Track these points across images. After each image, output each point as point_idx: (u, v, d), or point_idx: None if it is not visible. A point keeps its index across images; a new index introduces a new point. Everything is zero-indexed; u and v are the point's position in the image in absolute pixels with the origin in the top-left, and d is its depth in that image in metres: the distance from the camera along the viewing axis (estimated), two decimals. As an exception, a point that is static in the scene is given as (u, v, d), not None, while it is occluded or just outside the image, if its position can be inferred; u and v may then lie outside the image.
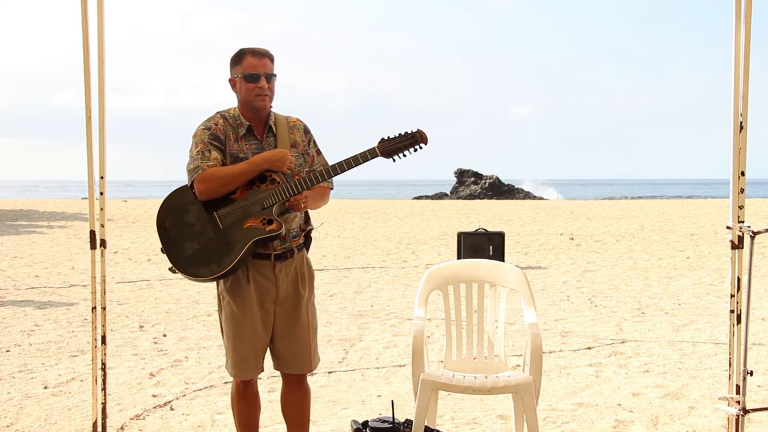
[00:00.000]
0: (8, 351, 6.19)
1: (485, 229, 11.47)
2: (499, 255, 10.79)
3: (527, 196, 45.41)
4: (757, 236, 3.55)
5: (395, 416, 3.99)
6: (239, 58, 3.34)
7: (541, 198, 45.30)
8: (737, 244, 3.67)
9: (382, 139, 3.27)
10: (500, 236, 11.13)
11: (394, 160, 3.27)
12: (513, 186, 47.87)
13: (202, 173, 3.22)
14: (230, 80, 3.37)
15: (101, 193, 3.77)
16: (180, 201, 3.32)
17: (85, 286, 9.71)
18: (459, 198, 44.70)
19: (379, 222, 21.79)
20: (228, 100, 3.44)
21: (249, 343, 3.36)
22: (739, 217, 3.66)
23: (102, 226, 3.77)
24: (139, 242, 15.80)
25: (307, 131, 3.48)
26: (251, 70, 3.31)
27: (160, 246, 3.32)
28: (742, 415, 3.56)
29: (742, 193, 3.67)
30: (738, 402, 3.58)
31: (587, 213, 25.90)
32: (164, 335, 6.81)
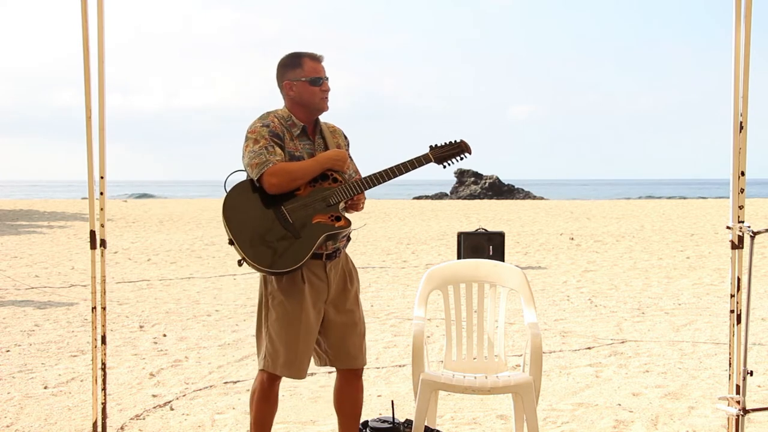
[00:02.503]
0: (8, 351, 6.19)
1: (485, 229, 11.47)
2: (499, 255, 10.79)
3: (527, 196, 45.40)
4: (757, 236, 3.55)
5: (395, 416, 3.99)
6: (297, 61, 3.41)
7: (542, 198, 45.29)
8: (737, 244, 3.67)
9: (431, 146, 3.45)
10: (500, 236, 11.13)
11: (444, 167, 3.47)
12: (513, 186, 47.87)
13: (274, 167, 3.26)
14: (285, 84, 3.41)
15: (101, 193, 3.77)
16: (245, 195, 3.34)
17: (85, 286, 9.71)
18: (459, 198, 44.69)
19: (379, 222, 21.78)
20: (228, 100, 3.51)
21: (303, 342, 3.39)
22: (739, 217, 3.66)
23: (102, 226, 3.77)
24: (139, 242, 15.80)
25: (345, 137, 3.61)
26: (315, 74, 3.39)
27: (228, 239, 3.31)
28: (742, 415, 3.56)
29: (742, 193, 3.67)
30: (738, 402, 3.58)
31: (587, 213, 25.91)
32: (164, 335, 6.81)
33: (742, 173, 3.65)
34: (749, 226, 3.58)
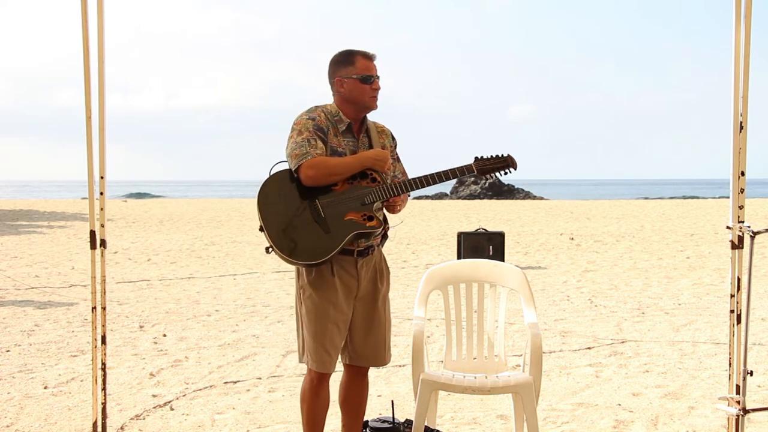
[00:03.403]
0: (8, 351, 6.19)
1: (485, 229, 11.47)
2: (499, 255, 10.78)
3: (527, 196, 45.40)
4: (757, 236, 3.55)
5: (395, 416, 3.99)
6: (350, 59, 3.42)
7: (542, 198, 45.28)
8: (737, 244, 3.67)
9: (476, 157, 3.46)
10: (500, 236, 11.13)
11: (486, 179, 3.52)
12: (513, 186, 47.85)
13: (312, 159, 3.28)
14: (336, 80, 3.43)
15: (101, 193, 3.77)
16: (282, 185, 3.36)
17: (85, 286, 9.71)
18: (459, 198, 44.69)
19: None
20: (228, 100, 3.48)
21: (331, 336, 3.40)
22: (739, 217, 3.66)
23: (102, 226, 3.77)
24: (139, 242, 15.80)
25: (393, 138, 3.62)
26: (366, 72, 3.41)
27: (259, 225, 3.33)
28: (742, 415, 3.56)
29: (742, 193, 3.67)
30: (738, 402, 3.58)
31: (587, 213, 25.91)
32: (164, 335, 6.81)
33: (742, 173, 3.65)
34: (749, 226, 3.58)
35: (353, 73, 3.40)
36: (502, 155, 3.47)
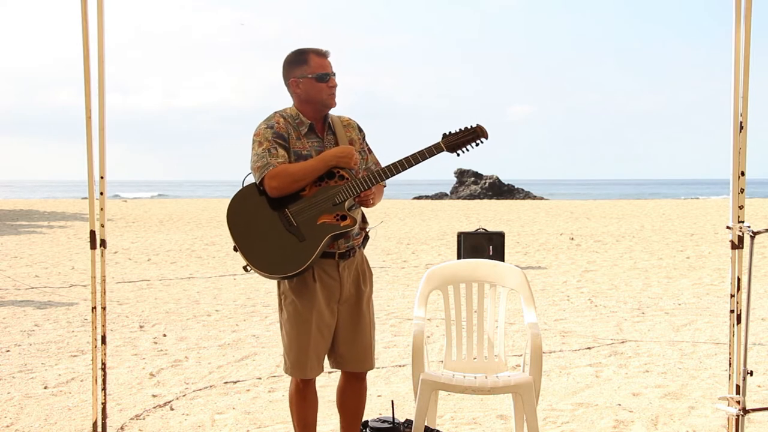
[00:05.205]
0: (8, 351, 6.19)
1: (485, 229, 11.47)
2: (499, 255, 10.79)
3: (527, 196, 45.40)
4: (757, 236, 3.55)
5: (395, 416, 3.99)
6: (302, 58, 3.35)
7: (542, 198, 45.28)
8: (737, 244, 3.67)
9: (445, 134, 3.32)
10: (500, 236, 11.13)
11: (458, 155, 3.34)
12: (513, 186, 47.87)
13: (273, 170, 3.22)
14: (291, 81, 3.36)
15: (101, 193, 3.77)
16: (249, 200, 3.31)
17: (85, 286, 9.71)
18: (459, 198, 44.70)
19: (379, 222, 21.78)
20: (228, 100, 3.47)
21: (314, 342, 3.36)
22: (739, 217, 3.66)
23: (102, 226, 3.77)
24: (139, 242, 15.80)
25: (360, 129, 3.53)
26: (321, 70, 3.33)
27: (233, 245, 3.29)
28: (742, 415, 3.56)
29: (742, 193, 3.66)
30: (738, 402, 3.58)
31: (587, 213, 25.91)
32: (164, 335, 6.81)
33: (742, 173, 3.65)
34: (749, 226, 3.58)
35: (308, 72, 3.32)
36: (471, 126, 3.32)
